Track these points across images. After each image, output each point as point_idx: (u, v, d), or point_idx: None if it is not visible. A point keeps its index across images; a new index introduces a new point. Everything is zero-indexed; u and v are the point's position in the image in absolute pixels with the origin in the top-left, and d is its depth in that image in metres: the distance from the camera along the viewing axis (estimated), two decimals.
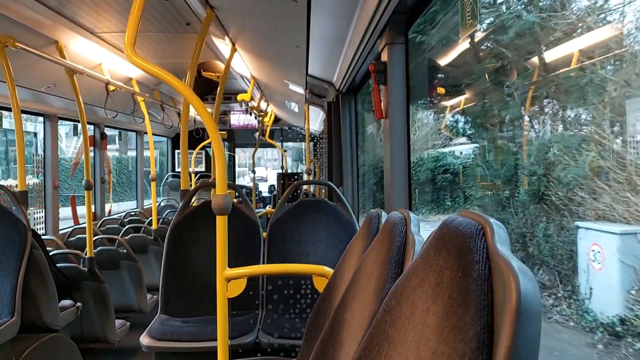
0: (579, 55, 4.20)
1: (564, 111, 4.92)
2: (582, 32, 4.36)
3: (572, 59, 4.26)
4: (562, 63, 4.52)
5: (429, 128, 23.52)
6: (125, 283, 4.89)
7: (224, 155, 2.29)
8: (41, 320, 3.23)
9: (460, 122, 10.53)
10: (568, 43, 4.50)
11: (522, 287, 0.68)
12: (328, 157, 6.32)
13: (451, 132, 12.73)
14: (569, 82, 4.59)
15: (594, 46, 4.17)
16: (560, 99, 4.91)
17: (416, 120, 22.87)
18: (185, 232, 3.67)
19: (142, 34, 4.19)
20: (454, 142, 24.10)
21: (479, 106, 7.35)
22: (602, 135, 4.09)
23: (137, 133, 8.36)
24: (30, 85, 4.42)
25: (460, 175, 20.26)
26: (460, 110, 9.02)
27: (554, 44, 4.68)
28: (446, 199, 19.99)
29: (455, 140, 20.72)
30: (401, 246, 1.39)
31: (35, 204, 5.31)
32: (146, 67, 2.16)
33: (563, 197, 4.64)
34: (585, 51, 4.19)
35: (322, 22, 3.30)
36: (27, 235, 3.13)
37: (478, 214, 0.89)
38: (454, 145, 23.79)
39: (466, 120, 9.99)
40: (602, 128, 4.11)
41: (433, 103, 9.78)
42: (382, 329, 1.11)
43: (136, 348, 4.02)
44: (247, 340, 3.13)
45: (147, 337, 3.10)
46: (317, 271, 2.50)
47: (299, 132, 12.24)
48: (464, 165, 20.17)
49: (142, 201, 8.55)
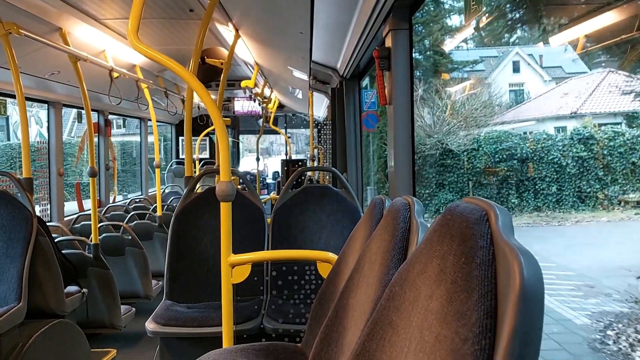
0: None
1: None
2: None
3: None
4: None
5: (483, 99, 19.45)
6: (131, 269, 4.92)
7: (228, 141, 2.29)
8: (47, 306, 3.26)
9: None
10: None
11: (526, 272, 0.68)
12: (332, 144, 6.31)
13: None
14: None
15: None
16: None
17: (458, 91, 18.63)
18: (189, 218, 3.68)
19: (146, 20, 4.17)
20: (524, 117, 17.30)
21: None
22: None
23: (141, 120, 8.36)
24: (34, 72, 4.42)
25: (531, 164, 16.86)
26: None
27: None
28: (510, 194, 16.99)
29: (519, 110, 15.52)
30: (405, 232, 1.39)
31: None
32: (150, 53, 2.15)
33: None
34: None
35: (326, 8, 3.28)
36: (33, 222, 3.14)
37: (482, 200, 0.89)
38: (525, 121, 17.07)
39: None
40: None
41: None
42: (386, 314, 1.12)
43: (142, 333, 4.06)
44: (252, 326, 3.15)
45: (153, 323, 3.13)
46: (321, 257, 2.51)
47: (303, 118, 12.21)
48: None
49: (147, 188, 8.58)
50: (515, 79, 25.82)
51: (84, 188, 7.75)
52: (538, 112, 20.37)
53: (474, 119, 18.34)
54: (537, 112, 20.39)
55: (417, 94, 17.88)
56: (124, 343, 4.59)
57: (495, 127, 18.96)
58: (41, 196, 5.20)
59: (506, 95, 24.31)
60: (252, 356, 2.14)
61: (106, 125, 6.78)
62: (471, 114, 18.50)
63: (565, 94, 20.32)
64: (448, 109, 18.52)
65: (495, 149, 17.00)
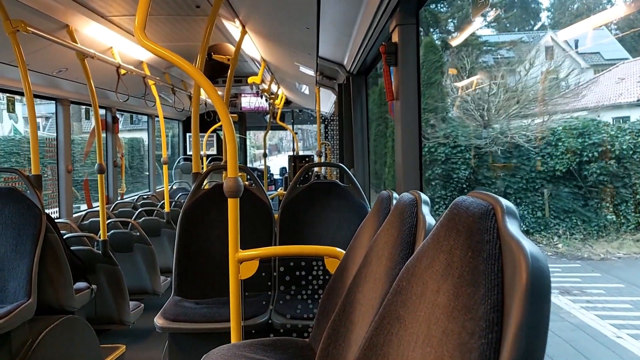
0: None
1: None
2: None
3: None
4: None
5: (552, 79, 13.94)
6: (139, 265, 4.95)
7: (235, 138, 2.29)
8: (57, 302, 3.28)
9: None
10: None
11: (532, 266, 0.68)
12: (339, 139, 6.31)
13: None
14: None
15: None
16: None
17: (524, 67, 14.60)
18: (197, 214, 3.69)
19: (152, 17, 4.18)
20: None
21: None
22: None
23: (148, 116, 8.39)
24: (42, 69, 4.44)
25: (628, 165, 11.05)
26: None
27: None
28: (601, 207, 11.18)
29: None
30: (412, 227, 1.40)
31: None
32: (157, 50, 2.16)
33: None
34: None
35: (332, 3, 3.27)
36: (42, 219, 3.16)
37: (489, 194, 0.89)
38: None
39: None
40: None
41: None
42: (394, 308, 1.12)
43: (150, 329, 4.08)
44: (260, 321, 3.16)
45: (161, 319, 3.14)
46: (328, 252, 2.52)
47: (310, 114, 12.21)
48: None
49: (155, 184, 8.61)
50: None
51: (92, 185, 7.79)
52: (590, 101, 17.13)
53: (546, 103, 12.92)
54: (588, 101, 17.16)
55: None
56: (133, 339, 4.62)
57: (571, 114, 13.88)
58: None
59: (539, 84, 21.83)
60: (261, 351, 2.15)
61: (114, 122, 6.81)
62: (547, 96, 13.33)
63: (622, 79, 17.57)
64: (510, 92, 14.09)
65: (583, 145, 12.01)
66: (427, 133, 13.83)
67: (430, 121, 14.17)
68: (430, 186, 13.42)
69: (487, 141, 13.57)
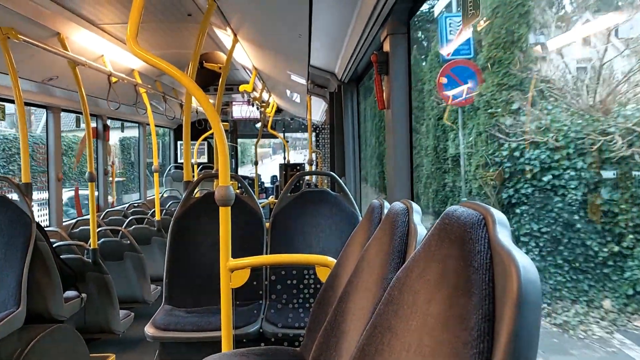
0: None
1: None
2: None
3: None
4: None
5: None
6: (129, 274, 4.92)
7: (226, 146, 2.30)
8: (46, 311, 3.25)
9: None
10: None
11: (523, 276, 0.69)
12: (330, 148, 6.32)
13: None
14: None
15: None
16: None
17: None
18: (188, 223, 3.68)
19: (144, 25, 4.17)
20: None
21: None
22: None
23: (139, 124, 8.36)
24: (32, 77, 4.42)
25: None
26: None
27: None
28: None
29: None
30: (403, 236, 1.40)
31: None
32: (148, 58, 2.16)
33: None
34: None
35: (324, 12, 3.29)
36: (32, 227, 3.14)
37: (479, 204, 0.90)
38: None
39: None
40: None
41: None
42: (385, 318, 1.12)
43: (141, 338, 4.05)
44: (251, 330, 3.15)
45: (152, 327, 3.12)
46: (320, 261, 2.51)
47: (301, 122, 12.22)
48: None
49: (145, 192, 8.58)
50: (585, 53, 20.09)
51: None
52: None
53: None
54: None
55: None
56: (123, 348, 4.58)
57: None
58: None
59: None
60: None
61: (105, 130, 6.78)
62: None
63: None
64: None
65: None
66: (505, 126, 7.62)
67: (509, 105, 7.80)
68: (512, 216, 7.59)
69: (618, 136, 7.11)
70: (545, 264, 4.12)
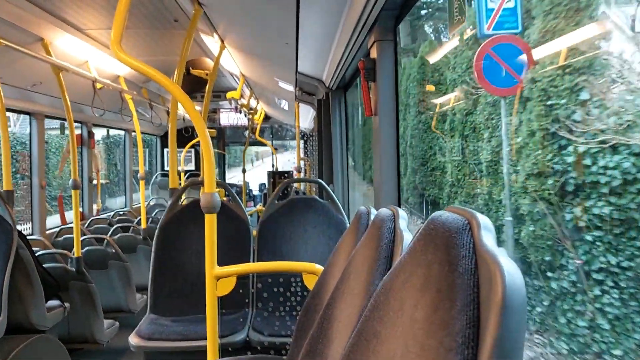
0: None
1: None
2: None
3: None
4: None
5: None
6: (114, 283, 4.86)
7: (213, 153, 2.28)
8: (28, 321, 3.20)
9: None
10: None
11: (508, 281, 0.68)
12: (318, 155, 6.31)
13: None
14: None
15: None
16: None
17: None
18: (174, 230, 3.65)
19: (130, 30, 4.15)
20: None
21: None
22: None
23: (125, 131, 8.31)
24: (15, 83, 4.37)
25: None
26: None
27: None
28: None
29: None
30: (390, 242, 1.39)
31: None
32: (133, 64, 2.14)
33: None
34: None
35: (312, 19, 3.29)
36: (13, 235, 3.09)
37: (464, 209, 0.89)
38: None
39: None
40: None
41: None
42: (370, 324, 1.11)
43: (125, 348, 3.99)
44: (237, 339, 3.12)
45: (136, 337, 3.08)
46: (307, 269, 2.50)
47: (289, 129, 12.22)
48: None
49: (131, 200, 8.51)
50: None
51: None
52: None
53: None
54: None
55: None
56: (107, 358, 4.51)
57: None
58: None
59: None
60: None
61: (89, 137, 6.72)
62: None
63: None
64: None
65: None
66: (573, 123, 4.61)
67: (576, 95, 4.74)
68: (580, 244, 4.99)
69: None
70: (627, 310, 3.54)
